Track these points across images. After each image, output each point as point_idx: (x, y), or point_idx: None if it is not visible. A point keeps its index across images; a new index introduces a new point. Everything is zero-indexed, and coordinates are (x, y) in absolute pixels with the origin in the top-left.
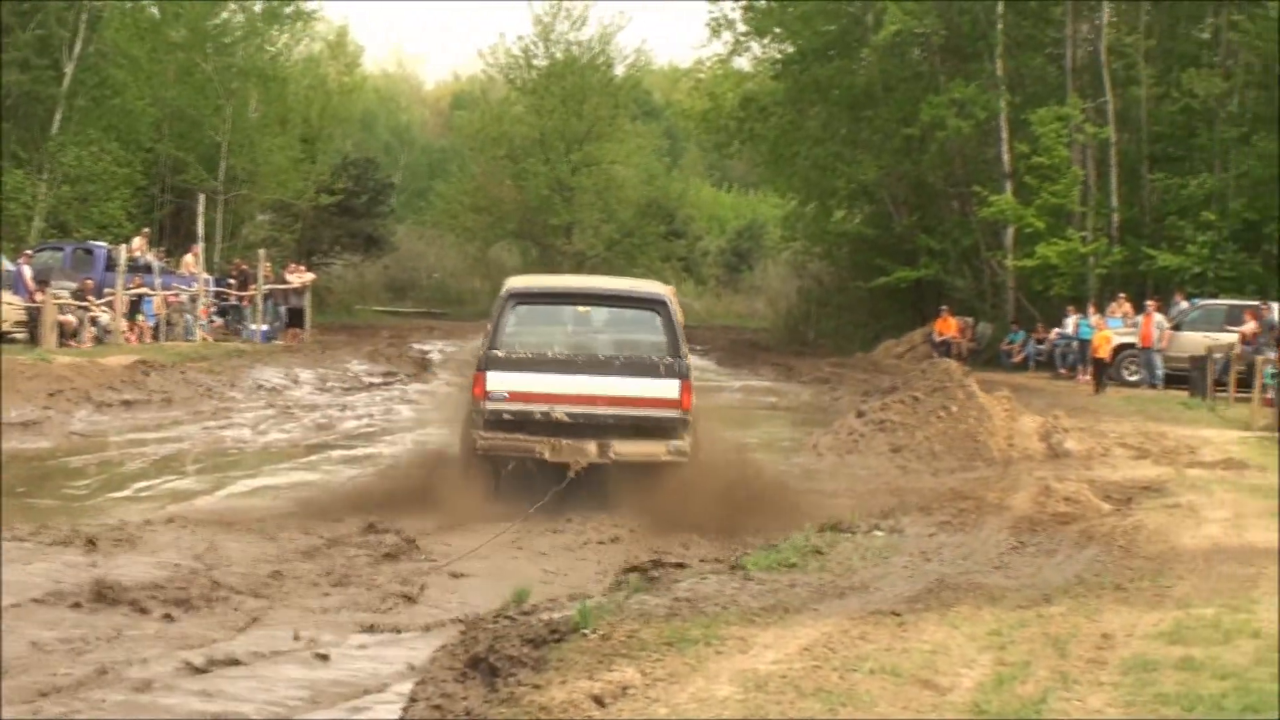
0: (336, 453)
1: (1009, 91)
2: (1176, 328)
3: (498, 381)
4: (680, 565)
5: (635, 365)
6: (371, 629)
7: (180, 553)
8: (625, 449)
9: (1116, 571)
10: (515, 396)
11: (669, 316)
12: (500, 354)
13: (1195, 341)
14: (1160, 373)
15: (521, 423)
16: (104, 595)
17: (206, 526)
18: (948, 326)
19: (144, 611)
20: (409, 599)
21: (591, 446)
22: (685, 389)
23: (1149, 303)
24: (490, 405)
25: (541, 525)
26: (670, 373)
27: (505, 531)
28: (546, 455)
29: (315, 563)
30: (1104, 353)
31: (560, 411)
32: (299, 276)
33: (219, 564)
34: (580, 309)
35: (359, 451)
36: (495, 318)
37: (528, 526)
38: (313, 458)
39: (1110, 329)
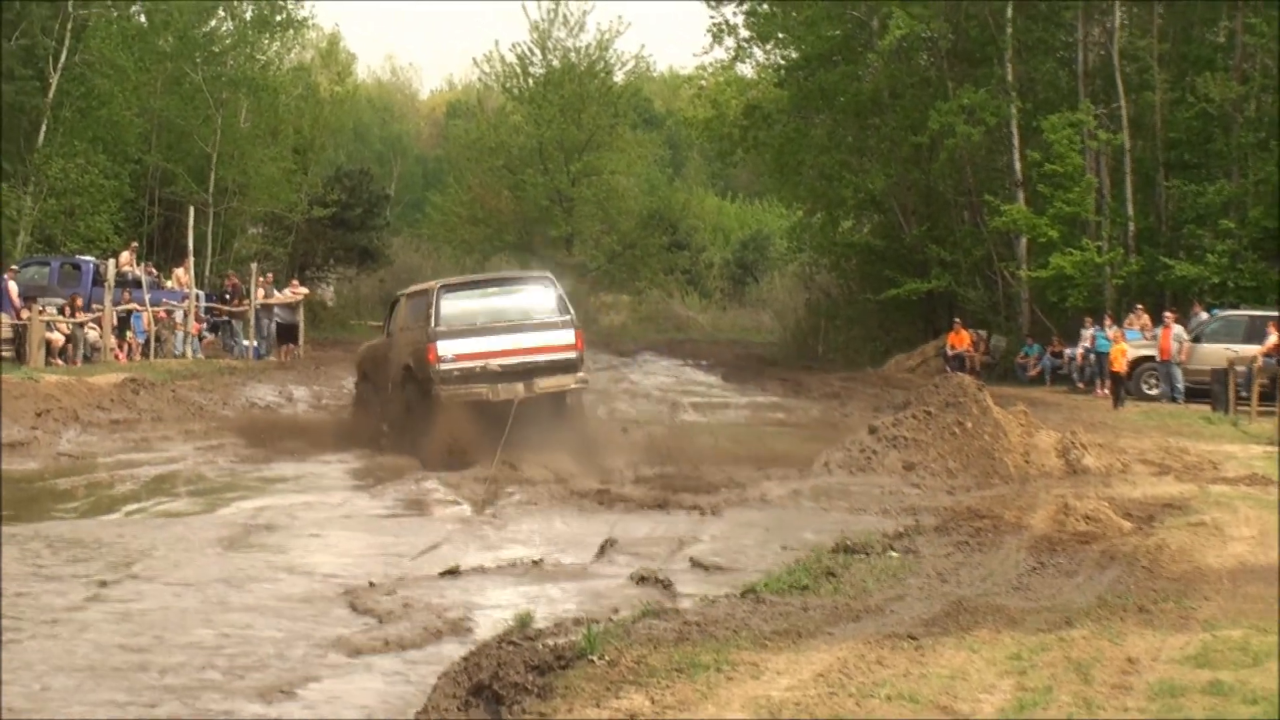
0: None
1: (1019, 97)
2: (1196, 340)
3: (445, 348)
4: None
5: (541, 323)
6: None
7: None
8: (545, 383)
9: (1140, 593)
10: (459, 357)
11: (555, 287)
12: (443, 328)
13: (1216, 354)
14: (1180, 386)
15: (466, 376)
16: None
17: None
18: (960, 340)
19: None
20: None
21: (520, 386)
22: (578, 335)
23: (1167, 314)
24: (443, 367)
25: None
26: (566, 325)
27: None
28: (489, 397)
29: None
30: (1120, 366)
31: (494, 364)
32: (293, 291)
33: None
34: (490, 289)
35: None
36: (431, 304)
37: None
38: (314, 477)
39: (1128, 341)
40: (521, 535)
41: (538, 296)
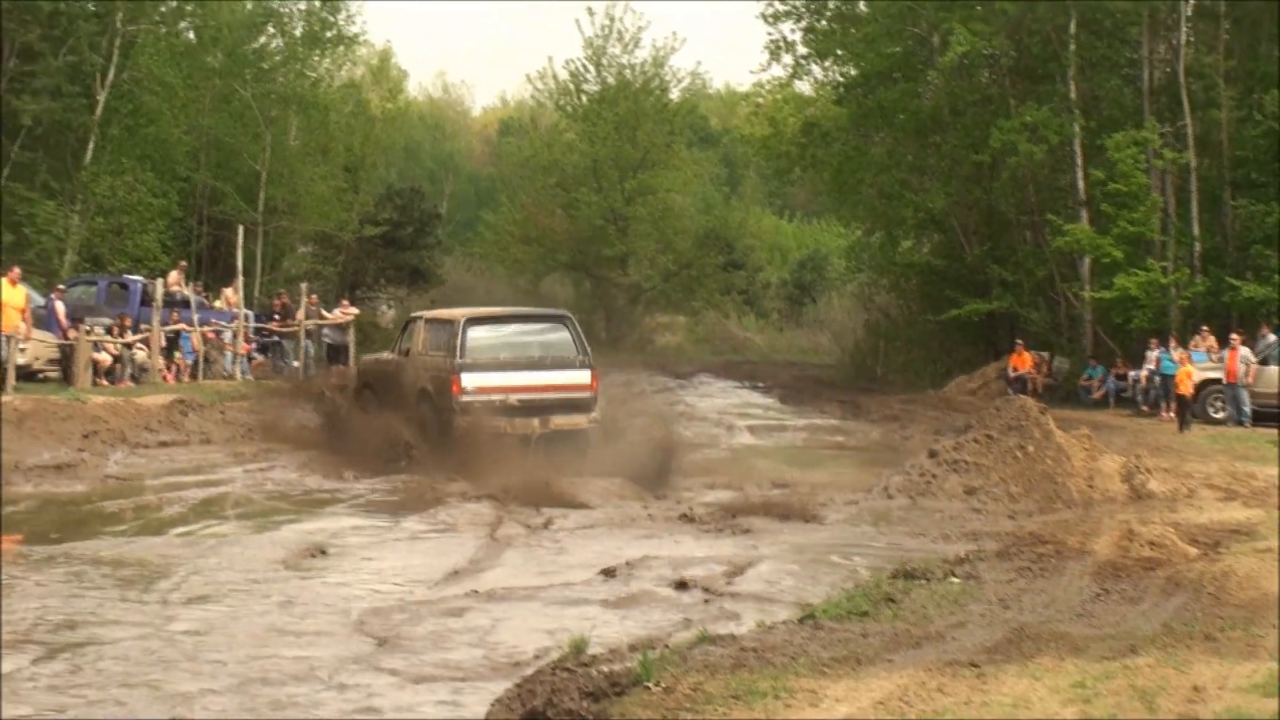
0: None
1: (1083, 115)
2: (1263, 362)
3: (468, 381)
4: None
5: (558, 362)
6: None
7: None
8: (559, 421)
9: (1206, 620)
10: (480, 390)
11: (574, 327)
12: (468, 361)
13: None
14: (1247, 409)
15: (486, 409)
16: None
17: None
18: (1023, 361)
19: None
20: None
21: (536, 422)
22: (594, 376)
23: (1234, 336)
24: (464, 398)
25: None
26: (583, 366)
27: None
28: (507, 430)
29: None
30: (1186, 389)
31: (513, 399)
32: (343, 311)
33: None
34: (513, 324)
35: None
36: (456, 335)
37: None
38: (362, 500)
39: (1194, 364)
40: (575, 558)
41: (557, 335)
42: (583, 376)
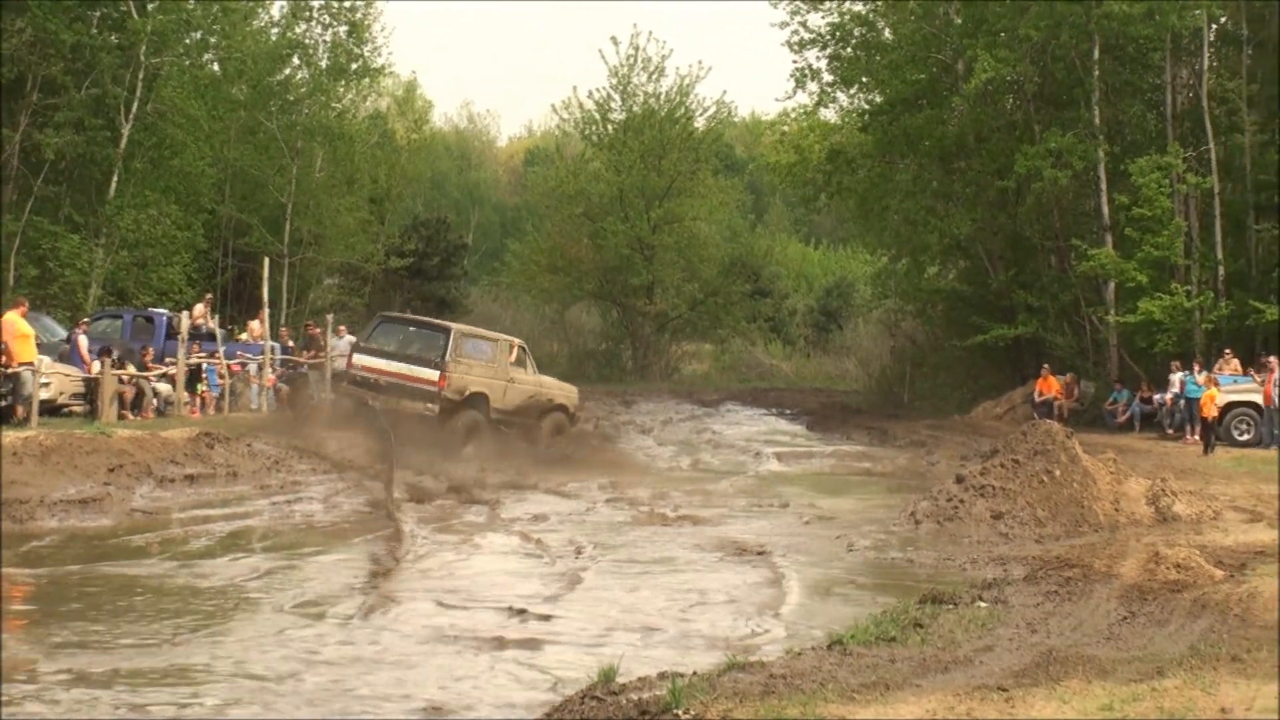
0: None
1: (1107, 140)
2: None
3: (357, 359)
4: None
5: (423, 361)
6: None
7: None
8: (407, 404)
9: (1233, 642)
10: (364, 368)
11: (450, 339)
12: (364, 345)
13: None
14: (1278, 433)
15: (363, 383)
16: None
17: None
18: (1049, 386)
19: None
20: None
21: (392, 401)
22: (442, 377)
23: (1271, 359)
24: (354, 372)
25: None
26: (436, 367)
27: None
28: (369, 401)
29: None
30: (1211, 411)
31: (381, 380)
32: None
33: None
34: (410, 327)
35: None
36: (369, 327)
37: None
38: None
39: (1223, 386)
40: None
41: (434, 341)
42: (433, 375)
